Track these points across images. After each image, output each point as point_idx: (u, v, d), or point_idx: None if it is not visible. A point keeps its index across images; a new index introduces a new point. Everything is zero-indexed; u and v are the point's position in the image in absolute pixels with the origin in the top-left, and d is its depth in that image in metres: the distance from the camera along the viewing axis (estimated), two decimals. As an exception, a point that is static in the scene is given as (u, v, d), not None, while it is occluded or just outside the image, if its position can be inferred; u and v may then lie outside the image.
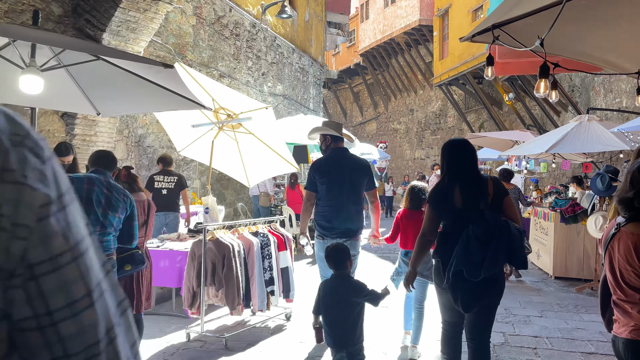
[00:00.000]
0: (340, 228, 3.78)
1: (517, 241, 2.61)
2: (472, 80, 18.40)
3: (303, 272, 7.40)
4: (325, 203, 3.83)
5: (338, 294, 2.86)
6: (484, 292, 2.64)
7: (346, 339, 2.83)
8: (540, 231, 7.79)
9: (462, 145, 2.86)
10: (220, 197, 10.53)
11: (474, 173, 2.82)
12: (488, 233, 2.57)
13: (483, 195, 2.71)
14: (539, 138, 7.64)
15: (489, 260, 2.54)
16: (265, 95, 12.59)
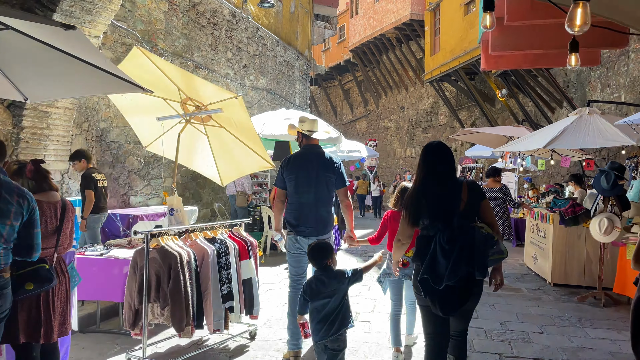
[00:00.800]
0: (307, 226, 3.76)
1: (480, 248, 2.54)
2: (464, 76, 17.86)
3: (279, 280, 6.75)
4: (293, 200, 3.82)
5: (325, 289, 2.91)
6: (463, 295, 2.62)
7: (333, 329, 2.89)
8: (537, 233, 7.21)
9: (436, 149, 2.82)
10: (196, 197, 9.86)
11: (446, 178, 2.76)
12: (452, 240, 2.56)
13: (455, 201, 2.67)
14: (536, 133, 7.06)
15: (450, 267, 2.51)
16: (247, 89, 11.92)
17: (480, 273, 2.58)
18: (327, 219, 3.85)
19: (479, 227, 2.64)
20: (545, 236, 6.75)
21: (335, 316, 2.90)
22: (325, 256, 2.97)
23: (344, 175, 3.91)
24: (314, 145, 4.01)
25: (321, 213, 3.80)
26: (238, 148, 6.68)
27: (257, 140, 6.47)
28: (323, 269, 2.97)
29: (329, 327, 2.89)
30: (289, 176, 3.84)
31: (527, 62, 12.19)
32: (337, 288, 2.91)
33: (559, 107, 14.33)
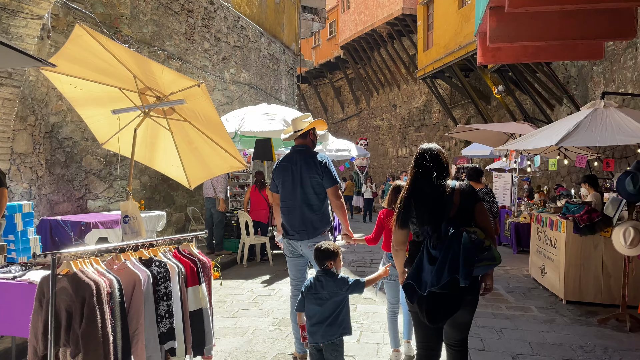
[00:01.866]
0: (296, 228, 3.72)
1: (466, 253, 2.42)
2: (458, 73, 17.12)
3: (253, 297, 5.88)
4: (282, 203, 3.82)
5: (322, 290, 2.94)
6: (451, 304, 2.52)
7: (326, 332, 2.90)
8: (545, 242, 6.41)
9: (429, 153, 2.74)
10: (168, 200, 8.96)
11: (436, 182, 2.66)
12: (438, 245, 2.51)
13: (445, 205, 2.61)
14: (545, 129, 6.26)
15: (434, 273, 2.46)
16: (227, 83, 11.03)
17: (464, 280, 2.41)
18: (316, 221, 3.71)
19: (471, 232, 2.51)
20: (556, 246, 5.95)
21: (332, 320, 2.90)
22: (326, 258, 2.97)
23: (333, 174, 3.73)
24: (301, 146, 3.89)
25: (308, 215, 3.69)
26: (206, 145, 5.82)
27: (226, 136, 5.60)
28: (324, 270, 2.99)
29: (326, 331, 2.91)
30: (277, 179, 3.84)
31: (527, 55, 11.39)
32: (334, 292, 2.92)
33: (559, 104, 13.61)
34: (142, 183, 8.18)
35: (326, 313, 2.91)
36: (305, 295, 2.99)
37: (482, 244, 2.47)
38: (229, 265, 7.70)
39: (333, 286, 2.92)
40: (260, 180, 8.16)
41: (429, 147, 2.80)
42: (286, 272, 5.45)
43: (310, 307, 2.96)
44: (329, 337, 2.91)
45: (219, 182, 7.99)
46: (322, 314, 2.92)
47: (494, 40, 9.69)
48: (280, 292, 6.07)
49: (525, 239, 9.50)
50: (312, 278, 3.02)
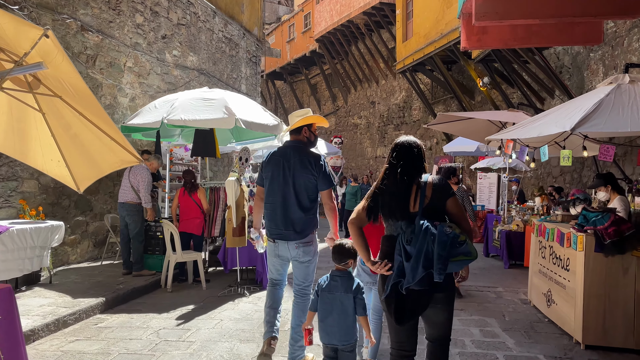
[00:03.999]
0: (278, 228, 3.56)
1: (440, 248, 2.32)
2: (440, 65, 15.72)
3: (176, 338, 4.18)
4: (267, 199, 3.66)
5: (334, 290, 2.90)
6: (419, 304, 2.46)
7: (342, 334, 2.87)
8: (552, 261, 4.89)
9: (403, 145, 2.68)
10: (82, 206, 7.22)
11: (409, 176, 2.58)
12: (412, 240, 2.42)
13: (419, 199, 2.53)
14: (552, 111, 4.75)
15: (409, 269, 2.37)
16: (169, 67, 9.33)
17: (438, 275, 2.31)
18: (304, 221, 3.57)
19: (446, 226, 2.40)
20: (570, 268, 4.42)
21: (346, 321, 2.87)
22: (348, 255, 2.94)
23: (329, 177, 3.61)
24: (293, 141, 3.69)
25: (297, 215, 3.55)
26: (87, 131, 4.20)
27: (107, 118, 3.95)
28: (339, 270, 2.95)
29: (340, 333, 2.87)
30: (265, 173, 3.66)
31: (517, 39, 9.92)
32: (348, 293, 2.87)
33: (550, 96, 12.23)
34: (41, 185, 6.44)
35: (339, 314, 2.88)
36: (319, 295, 2.96)
37: (457, 238, 2.38)
38: (150, 289, 6.02)
39: (348, 286, 2.89)
40: (191, 182, 6.49)
41: (404, 139, 2.72)
42: (220, 299, 5.18)
43: (325, 308, 2.92)
44: (344, 340, 2.88)
45: (141, 182, 6.29)
46: (335, 315, 2.88)
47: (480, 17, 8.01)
48: (197, 334, 4.42)
49: (518, 251, 8.02)
50: (326, 277, 2.97)
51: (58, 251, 6.78)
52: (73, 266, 6.94)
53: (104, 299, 5.18)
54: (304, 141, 3.65)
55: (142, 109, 7.11)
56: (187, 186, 6.49)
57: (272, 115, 7.41)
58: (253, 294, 5.85)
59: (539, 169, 13.21)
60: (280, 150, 3.65)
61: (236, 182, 5.76)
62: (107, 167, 4.43)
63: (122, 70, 8.03)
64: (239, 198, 5.79)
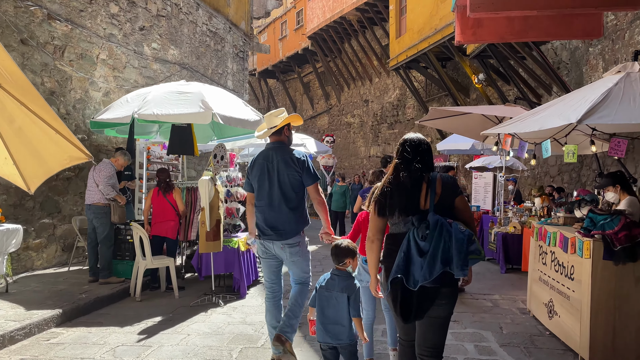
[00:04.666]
0: (270, 229, 3.57)
1: (459, 245, 2.33)
2: (435, 62, 15.29)
3: None
4: (257, 202, 3.69)
5: (332, 288, 2.93)
6: (427, 301, 2.45)
7: (338, 332, 2.89)
8: (554, 268, 4.44)
9: (413, 142, 2.64)
10: (49, 207, 6.72)
11: (420, 172, 2.57)
12: (427, 236, 2.40)
13: (430, 196, 2.53)
14: (555, 103, 4.30)
15: (426, 265, 2.34)
16: (147, 60, 8.84)
17: (460, 271, 2.32)
18: (294, 220, 3.58)
19: (458, 223, 2.41)
20: (575, 277, 3.97)
21: (340, 321, 2.88)
22: (345, 255, 2.96)
23: (312, 170, 3.62)
24: (275, 142, 3.69)
25: (287, 214, 3.57)
26: (32, 125, 3.80)
27: (49, 111, 3.52)
28: (339, 269, 2.98)
29: (334, 331, 2.89)
30: (253, 178, 3.69)
31: (513, 33, 9.50)
32: (343, 293, 2.89)
33: (548, 93, 11.82)
34: (0, 185, 5.94)
35: (334, 312, 2.88)
36: (317, 291, 2.98)
37: (472, 236, 2.38)
38: (117, 298, 5.53)
39: (344, 286, 2.90)
40: (165, 181, 6.00)
41: (412, 136, 2.70)
42: (191, 310, 4.91)
43: (320, 305, 2.95)
44: (339, 339, 2.88)
45: (102, 179, 5.80)
46: (329, 313, 2.90)
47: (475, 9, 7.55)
48: (158, 353, 3.94)
49: (516, 255, 7.58)
50: (327, 274, 3.01)
51: (21, 256, 6.28)
52: (37, 272, 6.44)
53: (61, 311, 4.69)
54: (285, 141, 3.71)
55: (113, 104, 6.63)
56: (161, 186, 6.00)
57: (254, 110, 6.94)
58: (229, 304, 5.38)
59: (536, 168, 12.80)
60: (263, 154, 3.69)
61: (210, 182, 5.28)
62: (56, 165, 3.96)
63: (95, 63, 7.53)
64: (214, 199, 5.32)
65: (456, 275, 2.33)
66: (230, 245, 5.67)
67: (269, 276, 3.72)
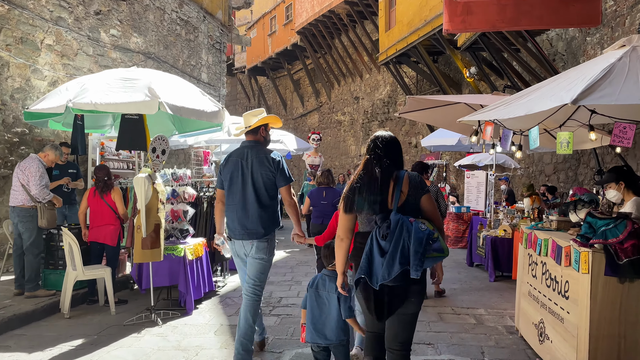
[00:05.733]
0: (240, 229, 3.54)
1: (417, 244, 2.33)
2: (425, 56, 14.60)
3: None
4: (227, 201, 3.65)
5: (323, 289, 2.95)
6: (397, 299, 2.45)
7: (328, 332, 2.89)
8: (545, 282, 3.72)
9: (381, 140, 2.64)
10: (-21, 210, 5.95)
11: (387, 170, 2.56)
12: (388, 235, 2.40)
13: (395, 194, 2.51)
14: (546, 84, 3.56)
15: (385, 265, 2.35)
16: (105, 48, 8.08)
17: (415, 271, 2.32)
18: (266, 220, 3.54)
19: (420, 222, 2.40)
20: (570, 295, 3.24)
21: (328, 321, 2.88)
22: (332, 257, 2.85)
23: (286, 172, 3.60)
24: (250, 141, 3.70)
25: (258, 214, 3.53)
26: None
27: None
28: (331, 270, 2.98)
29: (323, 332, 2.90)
30: (224, 175, 3.65)
31: (505, 20, 8.82)
32: (332, 293, 2.89)
33: (543, 87, 11.13)
34: None
35: (324, 313, 2.90)
36: (308, 292, 2.99)
37: (432, 234, 2.39)
38: (42, 315, 4.78)
39: (333, 286, 2.88)
40: (103, 180, 5.25)
41: (381, 134, 2.70)
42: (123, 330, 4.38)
43: (310, 305, 2.95)
44: (325, 340, 2.89)
45: (30, 176, 5.05)
46: (319, 314, 2.91)
47: None
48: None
49: (506, 261, 6.86)
50: (319, 275, 3.02)
51: (-56, 265, 5.53)
52: (-37, 283, 5.69)
53: (-38, 333, 3.94)
54: (261, 141, 3.71)
55: (50, 92, 5.87)
56: (98, 185, 5.26)
57: (213, 100, 6.19)
58: (169, 322, 4.64)
59: (530, 166, 12.08)
60: (238, 151, 3.67)
61: (147, 180, 4.53)
62: None
63: (39, 49, 6.78)
64: (151, 200, 4.57)
65: (411, 275, 2.31)
66: (175, 254, 4.93)
67: (244, 277, 3.66)
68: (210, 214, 6.00)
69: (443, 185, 10.93)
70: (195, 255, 5.13)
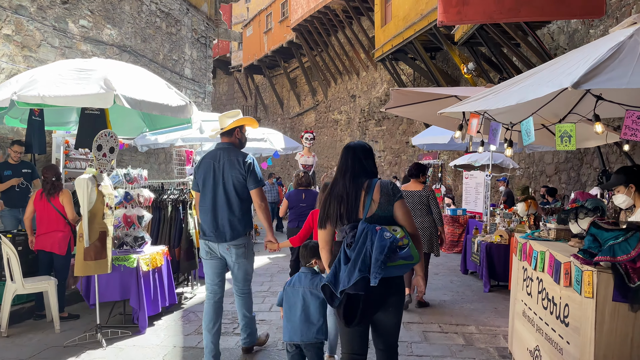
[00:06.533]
0: (210, 231, 3.59)
1: (377, 253, 2.30)
2: (422, 52, 14.07)
3: None
4: (200, 203, 3.69)
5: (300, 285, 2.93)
6: (371, 307, 2.42)
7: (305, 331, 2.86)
8: (540, 302, 3.16)
9: (354, 149, 2.64)
10: None
11: (356, 178, 2.55)
12: (352, 244, 2.41)
13: (365, 203, 2.50)
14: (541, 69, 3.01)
15: (347, 272, 2.36)
16: (74, 40, 7.56)
17: (374, 279, 2.27)
18: (236, 223, 3.57)
19: (387, 230, 2.38)
20: (570, 321, 2.69)
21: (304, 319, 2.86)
22: (312, 255, 2.98)
23: (258, 175, 3.62)
24: (224, 143, 3.73)
25: (229, 217, 3.55)
26: None
27: None
28: (307, 267, 3.01)
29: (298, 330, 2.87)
30: (198, 178, 3.67)
31: (503, 11, 8.25)
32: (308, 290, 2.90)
33: (544, 83, 10.56)
34: None
35: (298, 310, 2.88)
36: (285, 290, 2.97)
37: (397, 242, 2.36)
38: (-22, 332, 4.25)
39: (308, 283, 2.90)
40: (51, 181, 4.72)
41: (351, 143, 2.71)
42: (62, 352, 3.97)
43: (287, 303, 2.94)
44: (300, 337, 2.85)
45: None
46: (294, 310, 2.89)
47: None
48: None
49: (502, 269, 6.31)
50: (296, 275, 3.01)
51: None
52: None
53: None
54: (235, 143, 3.72)
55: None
56: (45, 187, 4.72)
57: (180, 94, 5.65)
58: (117, 342, 4.10)
59: (530, 166, 11.51)
60: (211, 153, 3.68)
61: (90, 182, 4.00)
62: None
63: (-5, 39, 6.26)
64: (96, 204, 4.03)
65: (371, 282, 2.29)
66: (127, 265, 4.38)
67: (212, 277, 3.67)
68: (175, 219, 5.46)
69: (438, 186, 10.35)
70: (153, 265, 4.59)
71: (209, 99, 11.69)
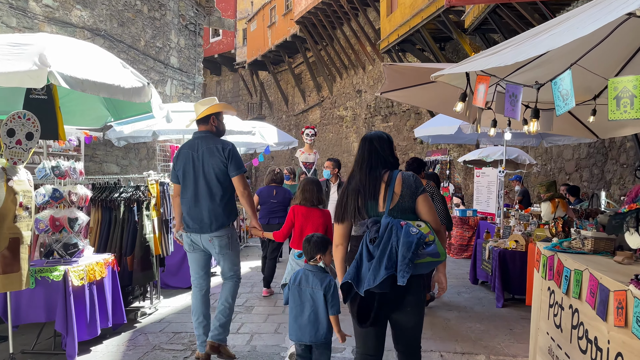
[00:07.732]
0: (193, 223, 3.52)
1: (404, 250, 2.19)
2: (431, 42, 13.16)
3: None
4: (182, 195, 3.61)
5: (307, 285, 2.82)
6: (387, 307, 2.33)
7: (313, 331, 2.78)
8: (576, 342, 2.26)
9: (369, 140, 2.55)
10: None
11: (376, 171, 2.45)
12: (376, 239, 2.31)
13: (387, 196, 2.39)
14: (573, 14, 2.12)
15: (371, 270, 2.24)
16: (35, 21, 6.79)
17: (402, 277, 2.16)
18: (220, 213, 3.50)
19: (413, 225, 2.28)
20: (590, 348, 1.77)
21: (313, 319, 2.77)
22: (316, 250, 2.83)
23: (238, 161, 3.53)
24: (201, 132, 3.65)
25: (211, 207, 3.48)
26: None
27: None
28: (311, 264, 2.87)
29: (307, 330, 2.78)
30: (177, 169, 3.61)
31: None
32: (317, 289, 2.77)
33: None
34: None
35: (307, 310, 2.79)
36: (289, 287, 2.88)
37: (424, 238, 2.26)
38: None
39: (317, 282, 2.79)
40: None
41: (369, 134, 2.61)
42: None
43: (293, 302, 2.85)
44: (309, 338, 2.78)
45: None
46: (302, 310, 2.80)
47: None
48: None
49: (518, 280, 5.39)
50: (300, 270, 2.90)
51: None
52: None
53: None
54: (212, 131, 3.64)
55: None
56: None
57: (137, 75, 4.81)
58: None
59: (547, 163, 10.49)
60: (189, 143, 3.62)
61: (-3, 176, 3.18)
62: None
63: None
64: (5, 204, 3.22)
65: (398, 281, 2.16)
66: (52, 278, 3.56)
67: (196, 270, 3.62)
68: (128, 221, 4.63)
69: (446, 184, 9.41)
70: (89, 278, 3.77)
71: (199, 90, 10.90)
